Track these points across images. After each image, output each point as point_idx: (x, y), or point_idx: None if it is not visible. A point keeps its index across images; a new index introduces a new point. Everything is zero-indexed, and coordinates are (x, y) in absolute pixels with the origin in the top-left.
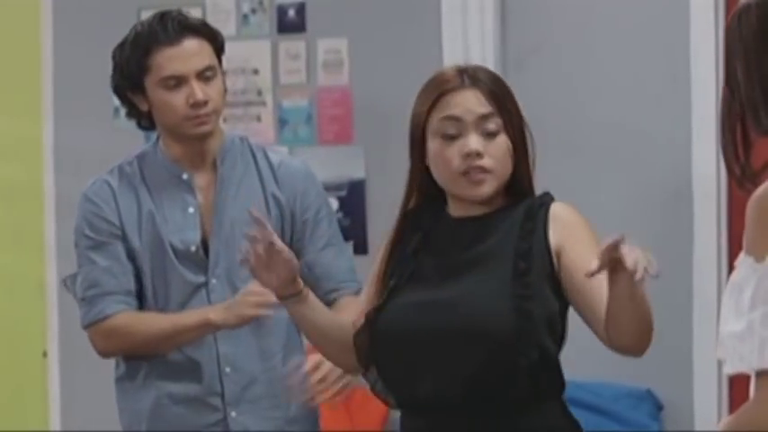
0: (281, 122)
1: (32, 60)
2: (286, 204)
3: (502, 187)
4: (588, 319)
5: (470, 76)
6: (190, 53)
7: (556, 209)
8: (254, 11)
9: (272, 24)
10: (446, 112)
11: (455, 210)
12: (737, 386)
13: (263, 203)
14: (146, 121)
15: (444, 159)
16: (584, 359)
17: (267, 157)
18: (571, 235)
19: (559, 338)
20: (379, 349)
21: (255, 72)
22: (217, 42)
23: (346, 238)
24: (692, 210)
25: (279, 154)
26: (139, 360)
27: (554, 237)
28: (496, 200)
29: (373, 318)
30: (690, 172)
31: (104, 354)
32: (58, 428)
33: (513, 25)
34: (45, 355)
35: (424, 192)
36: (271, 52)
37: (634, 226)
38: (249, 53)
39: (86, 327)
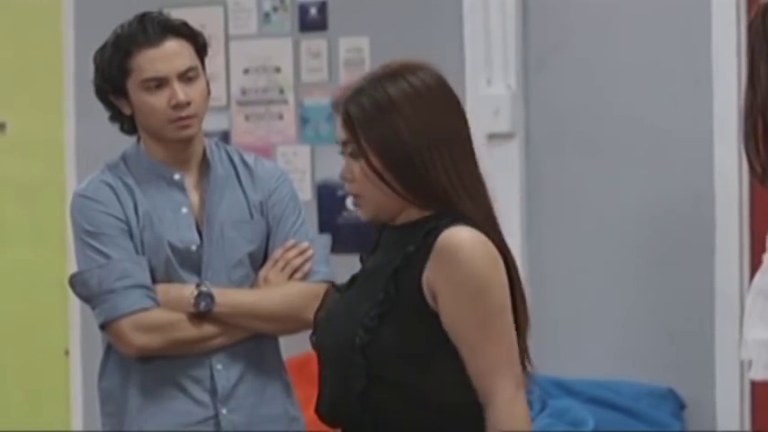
0: (303, 120)
1: (54, 59)
2: (262, 204)
3: (388, 205)
4: None
5: (344, 97)
6: (171, 54)
7: (441, 242)
8: (275, 9)
9: (294, 23)
10: None
11: None
12: (760, 385)
13: (245, 208)
14: (128, 125)
15: None
16: (605, 357)
17: (243, 160)
18: (444, 283)
19: (430, 366)
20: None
21: (277, 70)
22: (198, 43)
23: (362, 235)
24: (714, 209)
25: (252, 155)
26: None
27: (430, 272)
28: (410, 211)
29: (314, 320)
30: (711, 171)
31: (141, 349)
32: (80, 428)
33: (534, 25)
34: (67, 353)
35: None
36: (292, 50)
37: (655, 226)
38: (271, 51)
39: (117, 318)
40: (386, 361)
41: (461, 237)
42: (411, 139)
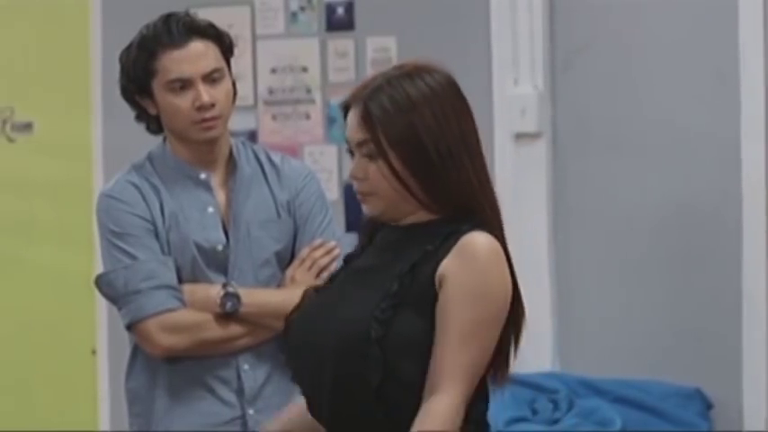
0: (330, 120)
1: (82, 60)
2: (289, 203)
3: (400, 206)
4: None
5: (360, 93)
6: (196, 55)
7: (464, 241)
8: (302, 9)
9: (321, 22)
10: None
11: None
12: None
13: (272, 207)
14: (154, 124)
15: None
16: (632, 357)
17: (270, 159)
18: (453, 275)
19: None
20: (288, 355)
21: (304, 70)
22: (224, 44)
23: None
24: (741, 208)
25: (279, 154)
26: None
27: (444, 266)
28: (419, 213)
29: (288, 320)
30: (739, 170)
31: (167, 349)
32: (107, 428)
33: (561, 24)
34: (94, 352)
35: None
36: (319, 50)
37: (682, 225)
38: (298, 51)
39: (143, 319)
40: (398, 354)
41: (483, 241)
42: (431, 140)
